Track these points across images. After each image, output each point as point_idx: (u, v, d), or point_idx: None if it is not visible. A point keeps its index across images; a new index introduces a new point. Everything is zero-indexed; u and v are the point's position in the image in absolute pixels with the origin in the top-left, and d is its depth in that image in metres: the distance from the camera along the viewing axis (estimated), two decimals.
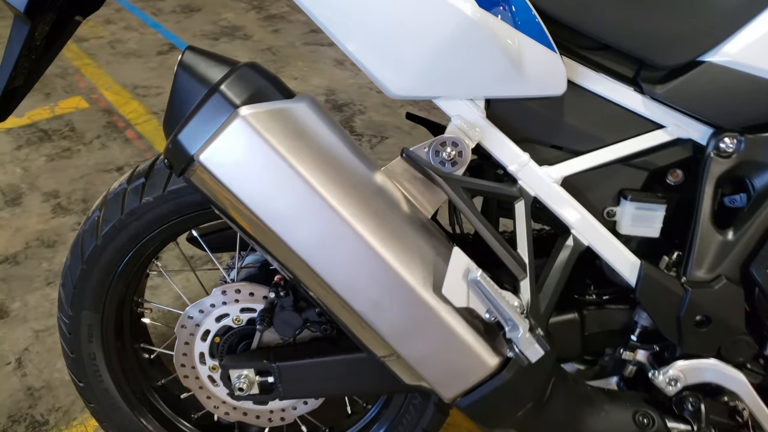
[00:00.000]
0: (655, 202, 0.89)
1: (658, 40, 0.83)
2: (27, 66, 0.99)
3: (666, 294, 0.88)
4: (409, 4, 0.74)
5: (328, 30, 0.79)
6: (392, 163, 0.85)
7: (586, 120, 0.88)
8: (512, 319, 0.75)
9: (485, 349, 0.79)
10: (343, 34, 0.79)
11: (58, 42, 1.03)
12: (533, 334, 0.77)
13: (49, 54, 1.04)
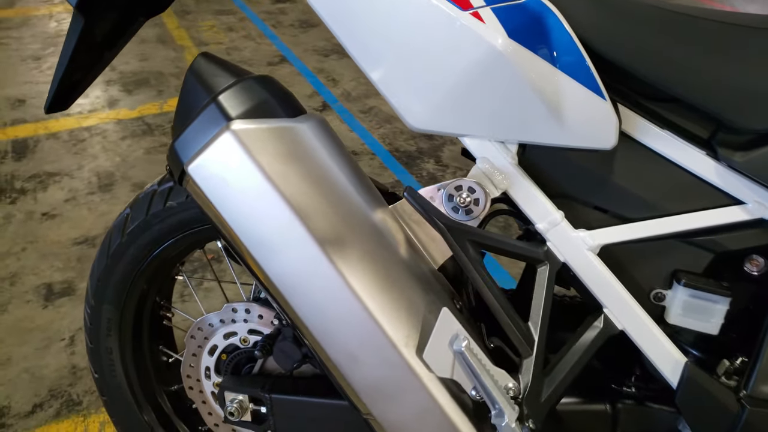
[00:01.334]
0: (717, 293, 0.73)
1: (743, 97, 0.68)
2: (87, 61, 1.01)
3: (714, 406, 0.71)
4: (433, 31, 0.66)
5: (353, 56, 0.73)
6: (402, 202, 0.76)
7: (642, 182, 0.74)
8: (498, 404, 0.63)
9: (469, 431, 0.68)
10: (366, 60, 0.72)
11: (121, 41, 1.05)
12: (521, 425, 0.64)
13: (112, 52, 1.06)
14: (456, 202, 0.73)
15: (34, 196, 2.20)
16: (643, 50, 0.69)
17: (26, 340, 1.64)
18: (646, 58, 0.69)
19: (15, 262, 1.90)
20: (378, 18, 0.68)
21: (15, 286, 1.81)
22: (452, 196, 0.73)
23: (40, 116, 2.73)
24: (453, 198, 0.73)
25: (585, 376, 0.87)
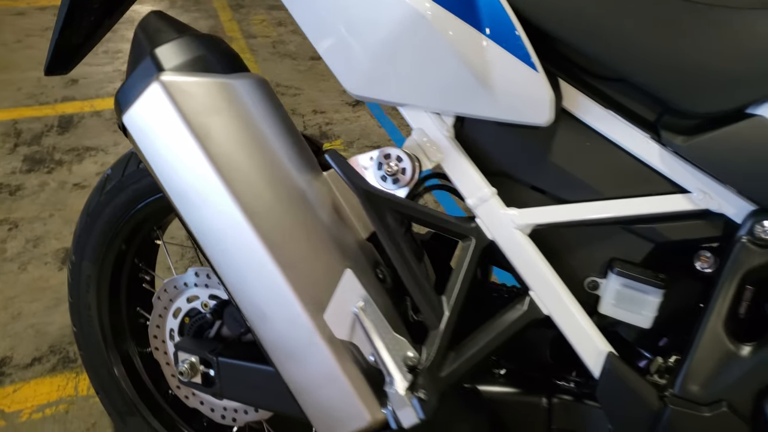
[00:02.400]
0: (650, 284, 0.69)
1: (688, 78, 0.64)
2: (84, 26, 1.05)
3: (634, 402, 0.67)
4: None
5: (298, 23, 0.74)
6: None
7: (582, 164, 0.71)
8: (390, 371, 0.62)
9: (368, 399, 0.67)
10: (308, 26, 0.73)
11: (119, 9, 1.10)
12: (411, 395, 0.62)
13: (111, 19, 1.10)
14: (384, 170, 0.72)
15: (69, 168, 2.32)
16: (586, 25, 0.66)
17: (38, 298, 1.72)
18: (588, 34, 0.66)
19: (41, 226, 2.01)
20: None
21: (37, 248, 1.91)
22: (381, 165, 0.72)
23: (89, 95, 2.87)
24: (382, 166, 0.72)
25: (526, 368, 0.84)
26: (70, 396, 1.46)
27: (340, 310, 0.65)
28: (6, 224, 2.00)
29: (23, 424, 1.40)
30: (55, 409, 1.43)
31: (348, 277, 0.65)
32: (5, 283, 1.77)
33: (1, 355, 1.56)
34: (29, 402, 1.45)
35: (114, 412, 1.22)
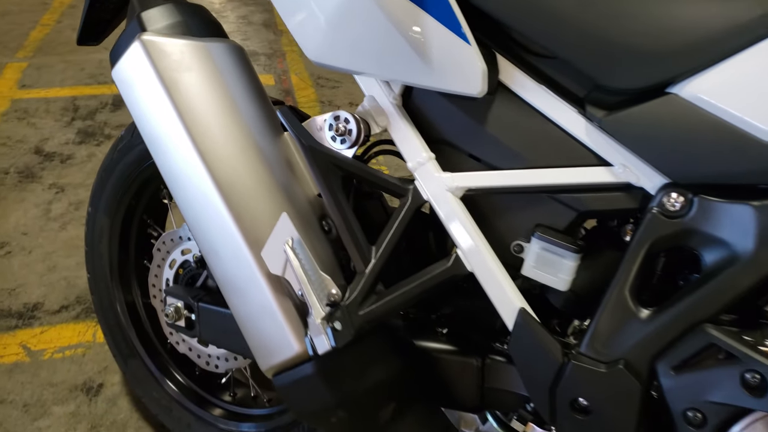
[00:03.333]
0: (566, 248, 0.73)
1: (613, 57, 0.69)
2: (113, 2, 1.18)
3: (540, 356, 0.72)
4: None
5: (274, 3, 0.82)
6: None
7: (515, 134, 0.76)
8: (311, 303, 0.69)
9: (298, 331, 0.74)
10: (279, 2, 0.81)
11: None
12: (326, 324, 0.69)
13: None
14: (333, 130, 0.79)
15: None
16: (521, 6, 0.71)
17: (72, 255, 1.88)
18: (524, 14, 0.71)
19: (84, 192, 2.18)
20: None
21: (78, 211, 2.08)
22: (332, 125, 0.80)
23: None
24: (332, 127, 0.80)
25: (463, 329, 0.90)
26: (88, 341, 1.61)
27: (274, 249, 0.73)
28: (54, 188, 2.19)
29: (45, 361, 1.54)
30: (74, 351, 1.58)
31: (283, 219, 0.73)
32: (46, 239, 1.95)
33: (35, 300, 1.72)
34: (53, 343, 1.60)
35: (117, 353, 1.35)
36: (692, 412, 0.64)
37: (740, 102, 0.62)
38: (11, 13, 3.75)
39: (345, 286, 0.75)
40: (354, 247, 0.74)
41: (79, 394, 1.47)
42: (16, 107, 2.70)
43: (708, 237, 0.65)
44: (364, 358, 0.78)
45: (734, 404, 0.62)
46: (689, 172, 0.66)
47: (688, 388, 0.64)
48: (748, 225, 0.63)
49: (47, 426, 1.39)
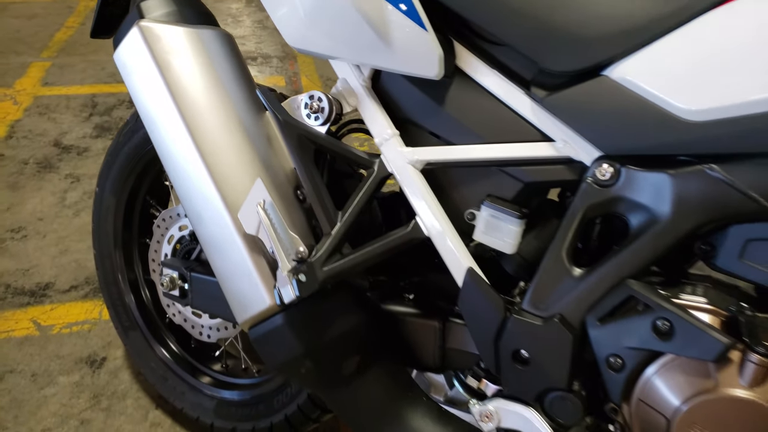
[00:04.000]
0: (511, 215, 0.81)
1: (552, 43, 0.76)
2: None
3: (485, 311, 0.79)
4: None
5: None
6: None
7: (469, 114, 0.84)
8: (280, 258, 0.77)
9: (270, 286, 0.82)
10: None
11: None
12: (292, 276, 0.77)
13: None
14: (309, 108, 0.88)
15: None
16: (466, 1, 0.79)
17: (84, 239, 1.99)
18: (475, 6, 0.79)
19: None
20: None
21: (91, 199, 2.18)
22: (307, 104, 0.88)
23: None
24: (307, 105, 0.88)
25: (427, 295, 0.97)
26: (94, 319, 1.71)
27: (249, 210, 0.81)
28: (70, 178, 2.31)
29: (53, 336, 1.65)
30: (81, 327, 1.68)
31: (258, 184, 0.81)
32: (60, 224, 2.06)
33: (47, 280, 1.83)
34: (61, 319, 1.70)
35: (119, 325, 1.44)
36: (614, 358, 0.71)
37: (659, 82, 0.69)
38: (38, 16, 3.92)
39: (313, 246, 0.83)
40: (322, 210, 0.82)
41: (84, 366, 1.56)
42: (38, 103, 2.83)
43: (633, 203, 0.72)
44: (331, 313, 0.86)
45: (647, 348, 0.68)
46: (618, 146, 0.73)
47: (610, 337, 0.71)
48: (665, 192, 0.70)
49: (53, 394, 1.48)
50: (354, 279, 0.89)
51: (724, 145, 0.66)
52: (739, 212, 0.67)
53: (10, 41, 3.48)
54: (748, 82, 0.64)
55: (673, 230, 0.70)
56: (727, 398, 0.63)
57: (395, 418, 0.88)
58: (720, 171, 0.67)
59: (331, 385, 0.88)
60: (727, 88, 0.65)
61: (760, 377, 0.62)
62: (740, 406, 0.63)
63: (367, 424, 0.89)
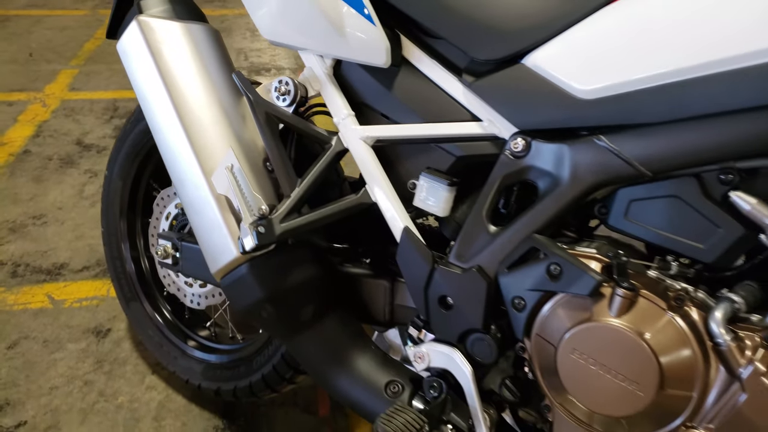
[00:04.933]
0: (442, 182, 0.93)
1: (476, 36, 0.90)
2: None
3: (416, 264, 0.92)
4: None
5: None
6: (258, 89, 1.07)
7: (412, 96, 0.97)
8: (243, 211, 0.92)
9: (236, 237, 0.96)
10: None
11: None
12: (253, 228, 0.91)
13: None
14: (277, 91, 1.03)
15: None
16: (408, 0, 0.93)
17: (98, 227, 2.16)
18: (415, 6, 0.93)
19: None
20: None
21: None
22: (276, 87, 1.03)
23: None
24: (276, 88, 1.03)
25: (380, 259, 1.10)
26: (102, 296, 1.86)
27: (220, 174, 0.96)
28: (89, 173, 2.49)
29: (65, 309, 1.81)
30: (90, 302, 1.84)
31: (229, 152, 0.96)
32: (78, 213, 2.24)
33: (62, 261, 2.00)
34: (73, 295, 1.86)
35: (122, 296, 1.59)
36: (517, 299, 0.83)
37: (562, 67, 0.82)
38: (70, 27, 4.18)
39: (274, 206, 0.97)
40: (283, 176, 0.96)
41: (90, 335, 1.72)
42: (64, 106, 3.05)
43: (540, 171, 0.85)
44: (289, 265, 0.99)
45: (542, 289, 0.80)
46: (530, 122, 0.86)
47: (515, 282, 0.83)
48: (565, 160, 0.82)
49: (61, 358, 1.64)
50: (313, 239, 1.03)
51: (610, 118, 0.78)
52: (622, 176, 0.79)
53: (43, 50, 3.73)
54: (628, 65, 0.76)
55: (570, 192, 0.82)
56: (599, 326, 0.75)
57: (344, 362, 1.00)
58: (606, 141, 0.79)
59: (289, 329, 1.02)
60: (612, 70, 0.77)
61: (624, 308, 0.74)
62: (609, 332, 0.74)
63: (320, 366, 1.02)
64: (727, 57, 0.67)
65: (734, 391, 0.70)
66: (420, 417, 0.86)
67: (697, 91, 0.70)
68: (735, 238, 0.73)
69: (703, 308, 0.73)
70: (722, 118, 0.71)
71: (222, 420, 1.50)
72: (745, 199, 0.72)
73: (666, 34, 0.73)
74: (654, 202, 0.79)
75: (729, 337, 0.70)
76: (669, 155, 0.75)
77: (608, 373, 0.74)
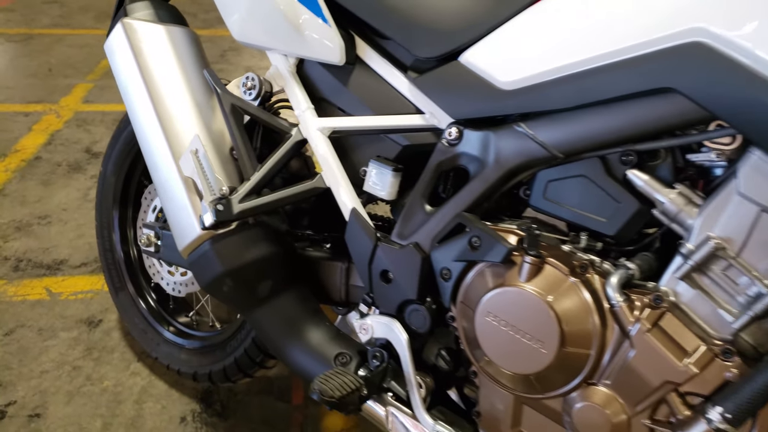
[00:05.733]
0: (389, 168, 1.02)
1: (417, 36, 0.99)
2: None
3: (363, 239, 1.01)
4: None
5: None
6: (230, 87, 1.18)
7: (364, 91, 1.07)
8: (204, 191, 1.01)
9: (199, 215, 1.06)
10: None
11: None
12: (212, 205, 1.00)
13: None
14: (244, 86, 1.13)
15: None
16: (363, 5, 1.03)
17: None
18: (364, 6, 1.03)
19: None
20: None
21: None
22: (244, 83, 1.13)
23: None
24: (244, 84, 1.13)
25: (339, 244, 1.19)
26: (97, 290, 1.96)
27: (187, 158, 1.05)
28: (94, 179, 2.61)
29: (61, 300, 1.91)
30: (85, 296, 1.94)
31: (195, 138, 1.06)
32: (81, 215, 2.35)
33: (62, 257, 2.11)
34: (70, 289, 1.97)
35: (111, 286, 1.69)
36: (445, 270, 0.91)
37: (488, 63, 0.90)
38: (90, 45, 4.37)
39: (234, 189, 1.06)
40: (245, 161, 1.06)
41: (82, 325, 1.81)
42: (77, 117, 3.20)
43: (470, 156, 0.93)
44: (248, 243, 1.07)
45: (465, 259, 0.88)
46: (463, 113, 0.94)
47: (444, 255, 0.91)
48: (490, 146, 0.90)
49: (53, 345, 1.73)
50: (273, 222, 1.12)
51: (527, 106, 0.87)
52: (538, 159, 0.87)
53: (61, 66, 3.91)
54: (540, 59, 0.85)
55: (494, 174, 0.90)
56: (510, 291, 0.82)
57: (298, 334, 1.08)
58: (524, 127, 0.87)
59: (248, 303, 1.10)
60: (528, 64, 0.86)
61: (532, 274, 0.81)
62: (517, 296, 0.81)
63: (276, 337, 1.10)
64: (610, 51, 0.76)
65: (625, 348, 0.77)
66: (357, 380, 0.93)
67: (593, 80, 0.78)
68: (632, 212, 0.81)
69: (603, 275, 0.80)
70: (620, 105, 0.79)
71: (200, 404, 1.57)
72: (639, 176, 0.80)
73: (569, 31, 0.81)
74: (566, 182, 0.87)
75: (621, 299, 0.77)
76: (577, 138, 0.83)
77: (517, 333, 0.81)
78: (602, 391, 0.80)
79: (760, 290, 0.70)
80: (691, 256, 0.74)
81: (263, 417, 1.55)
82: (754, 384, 0.67)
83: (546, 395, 0.83)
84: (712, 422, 0.70)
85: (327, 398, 0.88)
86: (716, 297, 0.74)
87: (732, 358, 0.72)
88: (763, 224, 0.70)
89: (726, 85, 0.67)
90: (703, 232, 0.74)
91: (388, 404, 0.99)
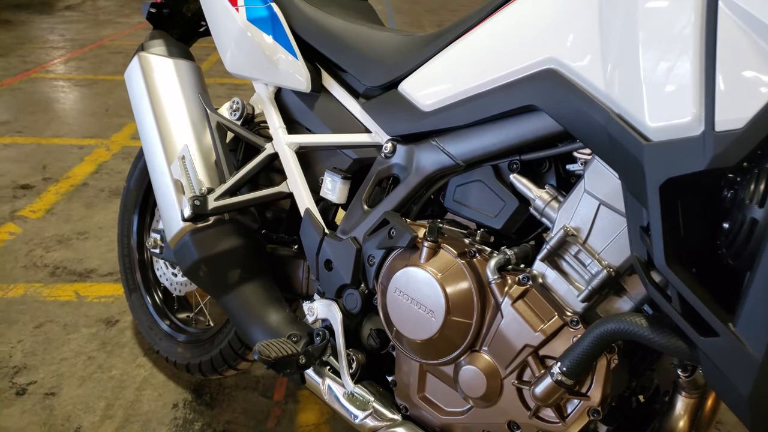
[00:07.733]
0: (339, 176, 1.22)
1: (367, 69, 1.20)
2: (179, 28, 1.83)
3: (312, 234, 1.20)
4: (222, 15, 1.34)
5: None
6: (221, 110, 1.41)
7: (326, 114, 1.28)
8: (186, 188, 1.23)
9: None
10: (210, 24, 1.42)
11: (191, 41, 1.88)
12: (192, 201, 1.22)
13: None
14: (230, 109, 1.36)
15: None
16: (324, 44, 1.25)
17: None
18: (324, 45, 1.25)
19: None
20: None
21: None
22: (231, 106, 1.37)
23: None
24: (231, 107, 1.37)
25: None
26: (118, 295, 2.21)
27: (176, 163, 1.28)
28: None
29: (86, 302, 2.15)
30: (107, 299, 2.18)
31: (183, 147, 1.29)
32: (114, 233, 2.63)
33: (93, 267, 2.37)
34: (95, 293, 2.22)
35: (126, 288, 1.92)
36: (371, 257, 1.08)
37: (415, 90, 1.10)
38: None
39: (212, 189, 1.28)
40: (223, 167, 1.28)
41: (101, 324, 2.05)
42: (123, 151, 3.56)
43: (400, 166, 1.12)
44: (221, 236, 1.28)
45: (384, 246, 1.05)
46: (396, 131, 1.14)
47: (371, 245, 1.09)
48: (413, 157, 1.09)
49: (75, 338, 1.97)
50: (246, 221, 1.32)
51: (439, 124, 1.05)
52: (447, 167, 1.05)
53: (117, 107, 4.34)
54: (448, 85, 1.04)
55: (415, 180, 1.08)
56: (411, 269, 0.98)
57: (259, 317, 1.26)
58: (437, 141, 1.06)
59: (219, 288, 1.29)
60: (440, 89, 1.05)
61: (429, 256, 0.97)
62: (416, 273, 0.97)
63: (240, 319, 1.28)
64: (494, 78, 0.94)
65: (498, 318, 0.92)
66: (294, 347, 1.11)
67: (483, 101, 0.96)
68: (513, 209, 0.98)
69: (486, 260, 0.96)
70: (505, 121, 0.97)
71: (191, 394, 1.76)
72: (519, 179, 0.97)
73: (470, 64, 1.00)
74: (467, 186, 1.04)
75: (496, 277, 0.92)
76: (474, 149, 1.01)
77: (414, 305, 0.98)
78: (483, 357, 0.95)
79: (598, 268, 0.85)
80: (550, 242, 0.90)
81: (245, 409, 1.72)
82: (582, 342, 0.81)
83: (440, 361, 0.98)
84: (554, 375, 0.84)
85: (264, 357, 1.06)
86: (570, 276, 0.89)
87: (578, 326, 0.86)
88: (602, 215, 0.86)
89: (568, 103, 0.84)
90: (561, 222, 0.90)
91: (325, 375, 1.15)
